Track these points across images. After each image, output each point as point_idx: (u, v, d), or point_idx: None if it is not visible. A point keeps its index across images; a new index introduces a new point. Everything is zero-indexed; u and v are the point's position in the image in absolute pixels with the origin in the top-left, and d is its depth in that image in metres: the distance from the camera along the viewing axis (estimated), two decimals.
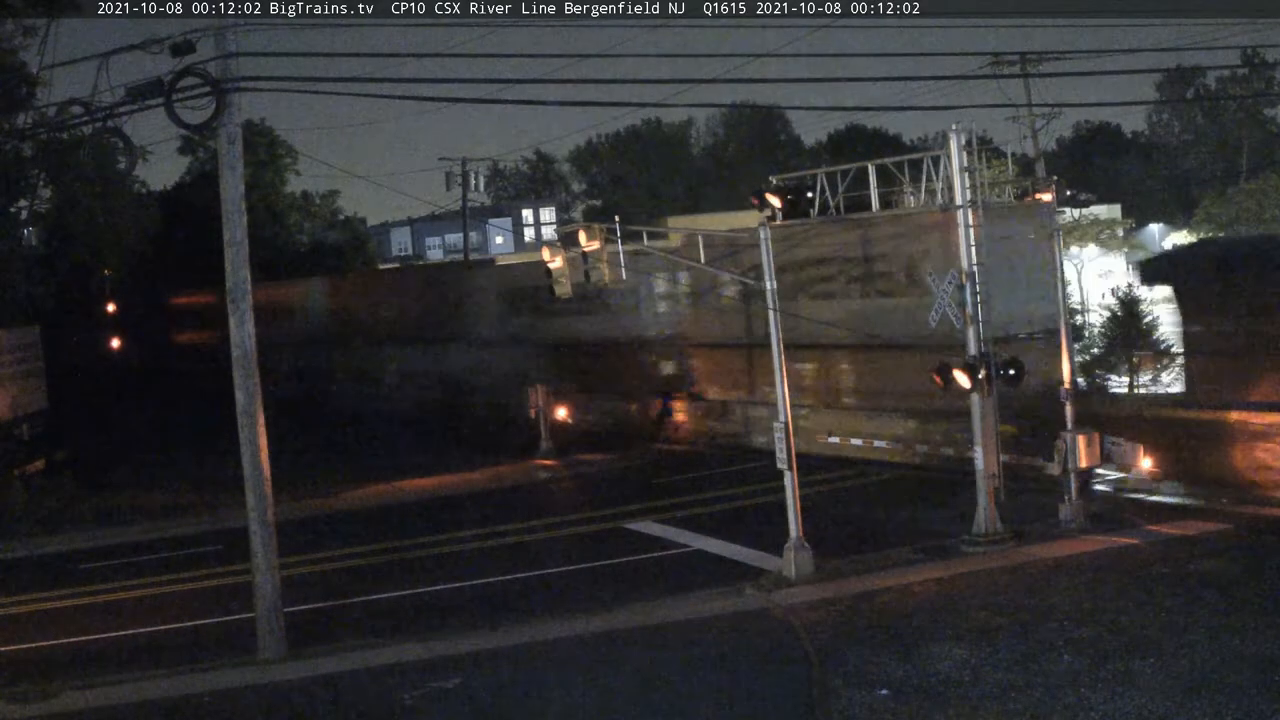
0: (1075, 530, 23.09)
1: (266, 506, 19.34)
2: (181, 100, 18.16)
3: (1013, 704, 14.60)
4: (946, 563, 21.76)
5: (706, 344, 37.42)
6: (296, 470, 32.23)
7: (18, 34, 36.39)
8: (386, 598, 22.95)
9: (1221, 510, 23.81)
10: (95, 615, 22.99)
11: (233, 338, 19.32)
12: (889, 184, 32.01)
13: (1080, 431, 23.87)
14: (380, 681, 17.63)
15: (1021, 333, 27.36)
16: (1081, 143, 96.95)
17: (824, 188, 30.58)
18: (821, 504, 26.80)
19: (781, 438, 21.58)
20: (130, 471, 39.57)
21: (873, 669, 16.32)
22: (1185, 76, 79.41)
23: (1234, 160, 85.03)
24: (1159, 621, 17.18)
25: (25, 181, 40.91)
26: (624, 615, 20.18)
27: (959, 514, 23.83)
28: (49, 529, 31.34)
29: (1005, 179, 36.38)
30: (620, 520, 27.86)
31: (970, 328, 22.71)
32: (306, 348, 61.52)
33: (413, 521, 29.89)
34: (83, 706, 17.52)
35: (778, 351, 22.04)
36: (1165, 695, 14.37)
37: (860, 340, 30.81)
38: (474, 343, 48.46)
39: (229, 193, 19.09)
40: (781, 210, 23.36)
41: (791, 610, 19.61)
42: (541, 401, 37.61)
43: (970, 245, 22.84)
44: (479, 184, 67.85)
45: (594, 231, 23.08)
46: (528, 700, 16.47)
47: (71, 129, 23.63)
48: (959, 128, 23.13)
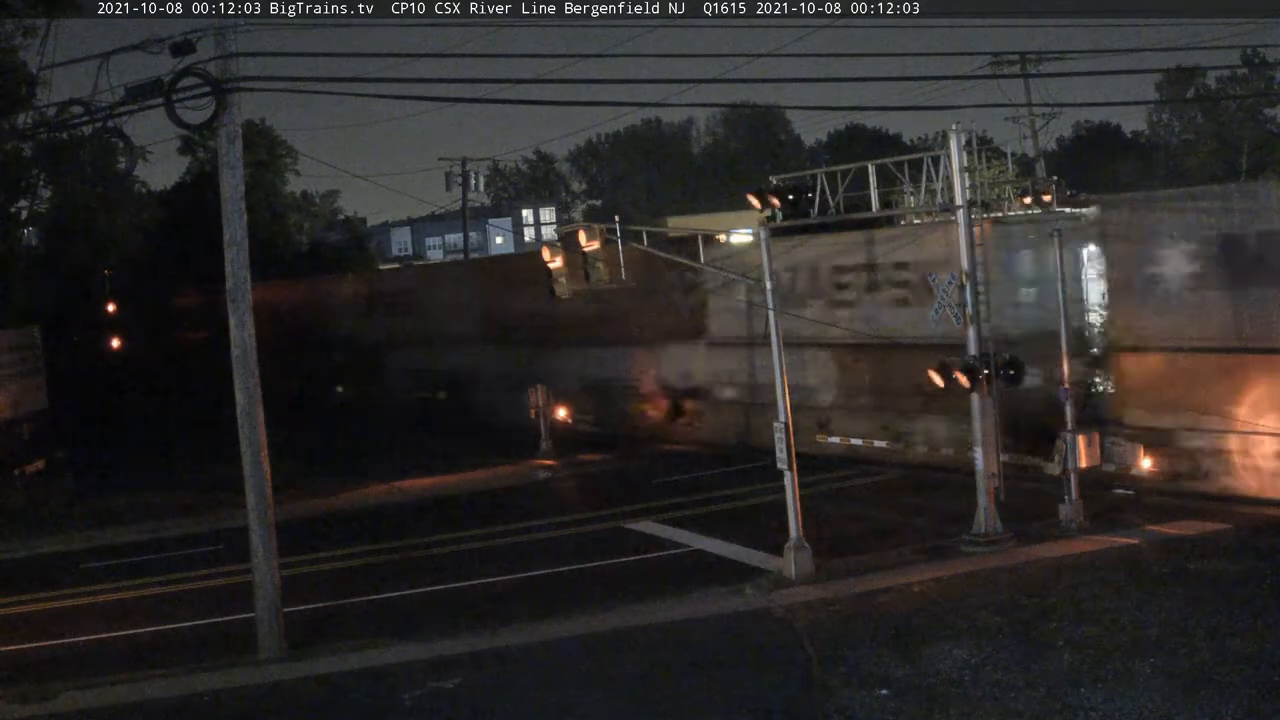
0: (1075, 530, 23.09)
1: (266, 506, 19.35)
2: (181, 100, 18.15)
3: (1013, 704, 14.60)
4: (946, 563, 21.76)
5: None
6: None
7: (18, 34, 36.43)
8: (386, 598, 22.97)
9: (1221, 510, 23.81)
10: (95, 615, 22.98)
11: (233, 338, 19.31)
12: (889, 184, 32.00)
13: (1080, 431, 23.89)
14: (380, 681, 17.64)
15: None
16: (1081, 143, 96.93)
17: (824, 188, 30.55)
18: (822, 504, 26.80)
19: (781, 438, 21.58)
20: (130, 471, 39.57)
21: (873, 669, 16.33)
22: (1185, 76, 79.38)
23: (1234, 160, 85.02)
24: (1159, 621, 17.19)
25: (25, 181, 40.95)
26: (624, 615, 20.17)
27: (959, 514, 23.84)
28: (49, 529, 31.34)
29: (1005, 179, 36.36)
30: (620, 520, 27.87)
31: (970, 328, 22.72)
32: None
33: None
34: (83, 706, 17.52)
35: (778, 351, 22.05)
36: (1165, 695, 14.38)
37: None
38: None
39: (229, 193, 19.09)
40: (781, 210, 23.36)
41: (791, 610, 19.61)
42: (541, 401, 37.59)
43: (970, 245, 22.86)
44: (479, 184, 67.92)
45: (594, 231, 23.07)
46: (528, 700, 16.46)
47: (71, 129, 23.60)
48: (959, 128, 23.13)
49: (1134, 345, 26.61)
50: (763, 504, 26.52)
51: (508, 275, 49.10)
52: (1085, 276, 27.09)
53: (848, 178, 26.48)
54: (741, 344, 35.85)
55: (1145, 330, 26.30)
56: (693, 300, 38.30)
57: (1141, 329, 26.39)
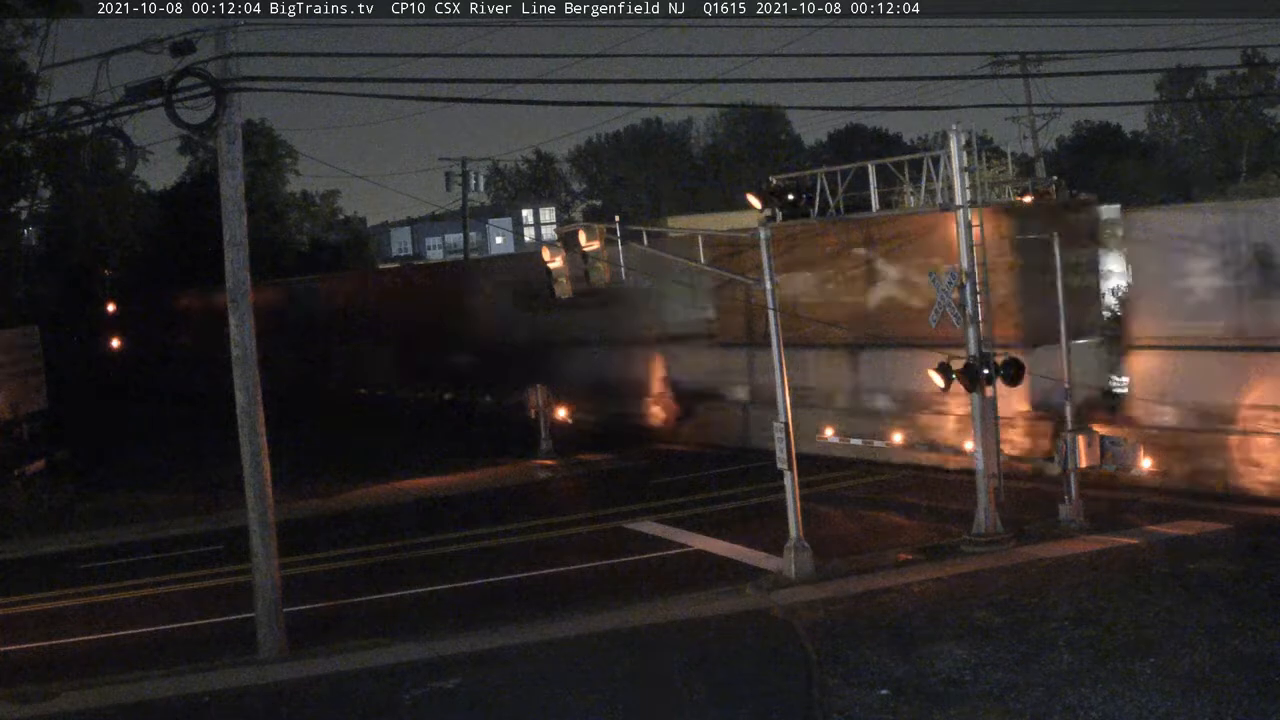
0: (1075, 530, 23.09)
1: (266, 506, 19.35)
2: (181, 100, 18.16)
3: (1013, 704, 14.60)
4: (946, 563, 21.76)
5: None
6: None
7: (18, 34, 36.43)
8: (386, 598, 22.96)
9: (1221, 510, 23.81)
10: (95, 615, 22.99)
11: (233, 338, 19.31)
12: (889, 184, 32.03)
13: (1080, 431, 23.88)
14: (380, 681, 17.64)
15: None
16: (1081, 143, 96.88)
17: (824, 188, 30.59)
18: (822, 503, 26.80)
19: (781, 438, 21.58)
20: (130, 471, 39.57)
21: (873, 669, 16.33)
22: (1185, 76, 79.35)
23: (1234, 160, 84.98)
24: (1159, 621, 17.19)
25: (25, 181, 40.95)
26: (624, 615, 20.18)
27: (959, 514, 23.84)
28: (49, 529, 31.34)
29: (1005, 179, 36.36)
30: (620, 520, 27.86)
31: (970, 328, 22.72)
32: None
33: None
34: (83, 706, 17.52)
35: (778, 351, 22.05)
36: (1165, 695, 14.38)
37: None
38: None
39: (229, 193, 19.10)
40: (782, 210, 23.38)
41: (791, 610, 19.61)
42: (541, 401, 37.57)
43: (970, 245, 22.86)
44: (479, 184, 67.91)
45: (594, 231, 23.08)
46: (528, 700, 16.47)
47: (71, 129, 23.63)
48: (959, 128, 23.13)
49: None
50: (763, 504, 26.51)
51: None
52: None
53: (848, 178, 26.72)
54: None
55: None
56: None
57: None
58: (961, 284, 22.93)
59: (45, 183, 42.75)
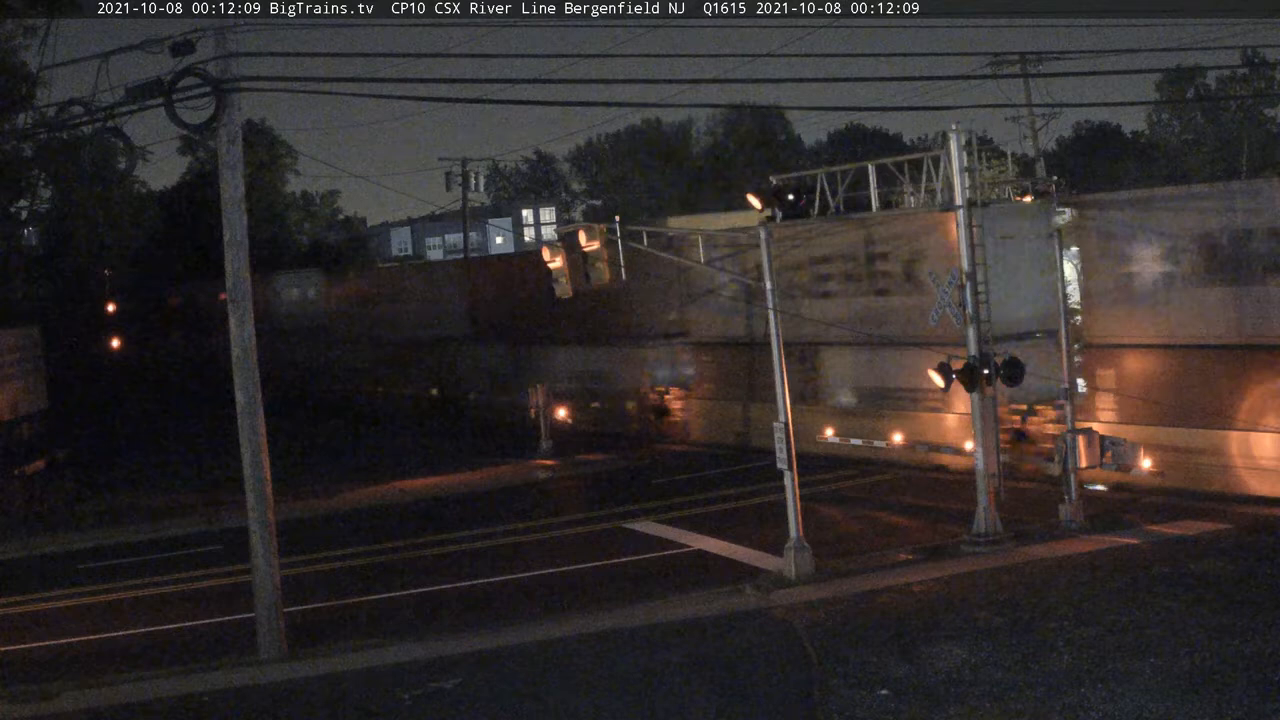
0: (1075, 530, 23.08)
1: (266, 506, 19.35)
2: (181, 100, 18.18)
3: (1013, 704, 14.60)
4: (946, 563, 21.75)
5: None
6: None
7: (18, 34, 36.46)
8: (386, 598, 22.96)
9: (1221, 510, 23.80)
10: (95, 615, 23.00)
11: (233, 337, 19.32)
12: (889, 184, 31.99)
13: (1080, 431, 23.87)
14: (380, 681, 17.63)
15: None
16: (1081, 143, 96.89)
17: (824, 188, 30.55)
18: (822, 503, 26.80)
19: (781, 438, 21.57)
20: (130, 471, 39.57)
21: (873, 669, 16.32)
22: (1185, 76, 79.33)
23: (1234, 160, 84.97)
24: (1159, 621, 17.18)
25: (25, 181, 40.99)
26: (624, 615, 20.18)
27: (959, 514, 23.84)
28: (49, 529, 31.35)
29: (1005, 179, 36.32)
30: (620, 520, 27.86)
31: (970, 328, 22.71)
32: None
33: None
34: (83, 706, 17.53)
35: (778, 351, 22.04)
36: (1165, 695, 14.37)
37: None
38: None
39: (229, 193, 19.11)
40: (782, 210, 23.36)
41: (791, 610, 19.61)
42: (541, 401, 37.56)
43: (970, 245, 22.84)
44: (479, 184, 67.82)
45: (594, 231, 23.08)
46: (528, 700, 16.47)
47: (71, 129, 23.63)
48: (959, 128, 23.12)
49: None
50: (763, 504, 26.51)
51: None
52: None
53: (848, 178, 26.51)
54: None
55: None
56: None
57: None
58: (962, 284, 22.93)
59: (45, 183, 42.79)
